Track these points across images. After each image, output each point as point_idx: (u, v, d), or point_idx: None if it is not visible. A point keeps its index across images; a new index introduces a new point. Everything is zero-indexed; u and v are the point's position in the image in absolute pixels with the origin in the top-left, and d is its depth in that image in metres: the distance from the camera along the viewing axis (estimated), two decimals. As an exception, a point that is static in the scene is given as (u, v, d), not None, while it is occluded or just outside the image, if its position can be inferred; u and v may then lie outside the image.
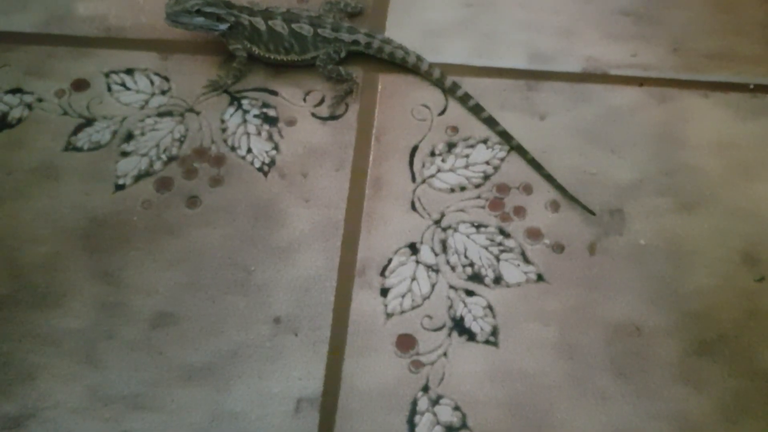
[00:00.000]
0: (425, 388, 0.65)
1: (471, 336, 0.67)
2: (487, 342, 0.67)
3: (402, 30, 0.82)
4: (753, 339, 0.67)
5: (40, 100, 0.79)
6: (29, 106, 0.78)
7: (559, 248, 0.71)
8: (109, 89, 0.79)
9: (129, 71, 0.80)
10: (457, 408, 0.64)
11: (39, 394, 0.64)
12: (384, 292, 0.69)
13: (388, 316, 0.68)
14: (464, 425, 0.63)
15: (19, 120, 0.77)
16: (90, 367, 0.66)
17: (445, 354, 0.66)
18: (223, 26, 0.78)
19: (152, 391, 0.65)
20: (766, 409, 0.64)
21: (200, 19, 0.77)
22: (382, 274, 0.70)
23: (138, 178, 0.74)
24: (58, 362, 0.66)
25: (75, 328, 0.67)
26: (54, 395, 0.64)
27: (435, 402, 0.64)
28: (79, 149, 0.76)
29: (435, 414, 0.64)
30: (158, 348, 0.66)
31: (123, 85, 0.79)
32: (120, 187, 0.74)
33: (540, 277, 0.70)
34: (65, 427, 0.63)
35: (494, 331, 0.67)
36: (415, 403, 0.64)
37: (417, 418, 0.64)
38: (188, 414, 0.64)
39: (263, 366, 0.66)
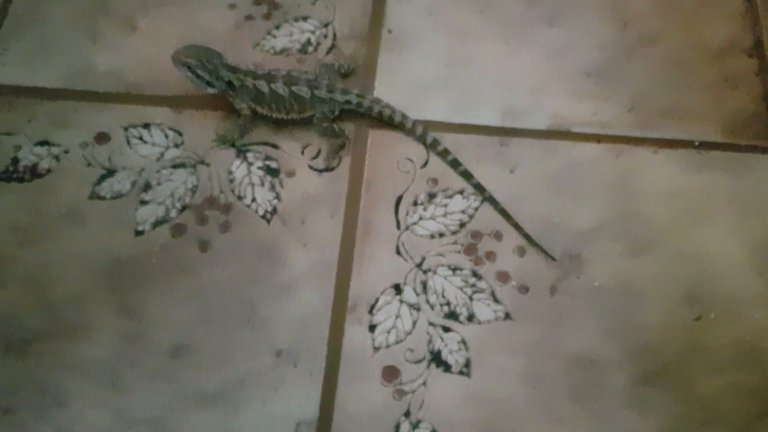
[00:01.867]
0: (407, 413, 0.75)
1: (447, 367, 0.77)
2: (461, 372, 0.77)
3: (389, 89, 0.92)
4: (691, 370, 0.77)
5: (66, 151, 0.88)
6: (56, 157, 0.87)
7: (524, 289, 0.81)
8: (128, 142, 0.89)
9: (146, 125, 0.90)
10: (434, 430, 0.74)
11: (72, 417, 0.74)
12: (372, 327, 0.79)
13: (376, 349, 0.78)
14: (441, 446, 0.74)
15: (48, 170, 0.87)
16: (116, 393, 0.75)
17: (424, 383, 0.76)
18: (211, 90, 0.87)
19: (171, 414, 0.74)
20: (701, 430, 0.74)
21: (190, 75, 0.86)
22: (371, 311, 0.80)
23: (155, 224, 0.84)
24: (88, 389, 0.75)
25: (102, 358, 0.77)
26: (85, 418, 0.74)
27: (415, 425, 0.74)
28: (103, 198, 0.85)
29: (415, 435, 0.74)
30: (175, 376, 0.76)
31: (140, 138, 0.89)
32: (140, 233, 0.83)
33: (508, 315, 0.80)
34: (95, 446, 0.73)
35: (467, 363, 0.77)
36: (398, 427, 0.74)
37: (400, 439, 0.74)
38: (202, 435, 0.73)
39: (267, 393, 0.75)
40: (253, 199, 0.86)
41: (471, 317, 0.80)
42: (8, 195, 0.85)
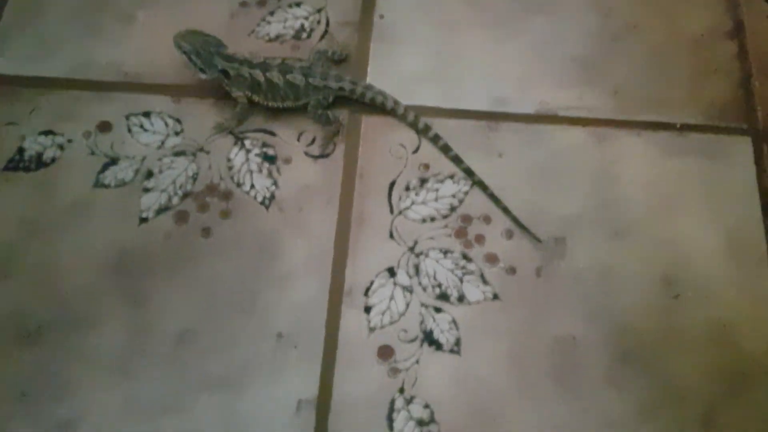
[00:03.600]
0: (401, 390, 0.77)
1: (438, 346, 0.79)
2: (451, 351, 0.79)
3: (382, 76, 0.92)
4: (667, 348, 0.79)
5: (70, 141, 0.88)
6: (61, 147, 0.88)
7: (512, 271, 0.83)
8: (130, 130, 0.89)
9: (146, 114, 0.90)
10: (427, 406, 0.76)
11: (85, 401, 0.76)
12: (367, 309, 0.81)
13: (371, 330, 0.80)
14: (433, 420, 0.76)
15: (53, 159, 0.87)
16: (126, 378, 0.77)
17: (417, 362, 0.78)
18: (203, 76, 0.87)
19: (179, 397, 0.76)
20: (673, 405, 0.77)
21: (184, 57, 0.86)
22: (366, 294, 0.81)
23: (159, 211, 0.84)
24: (100, 375, 0.77)
25: (111, 346, 0.78)
26: (98, 402, 0.76)
27: (409, 401, 0.77)
28: (107, 186, 0.86)
29: (409, 411, 0.76)
30: (182, 361, 0.78)
31: (141, 126, 0.89)
32: (144, 220, 0.84)
33: (496, 296, 0.82)
34: (109, 428, 0.75)
35: (457, 342, 0.79)
36: (393, 403, 0.77)
37: (395, 414, 0.76)
38: (210, 416, 0.75)
39: (269, 374, 0.77)
40: (252, 186, 0.86)
41: (461, 298, 0.81)
42: (16, 185, 0.86)
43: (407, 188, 0.87)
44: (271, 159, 0.88)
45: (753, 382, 0.77)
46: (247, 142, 0.89)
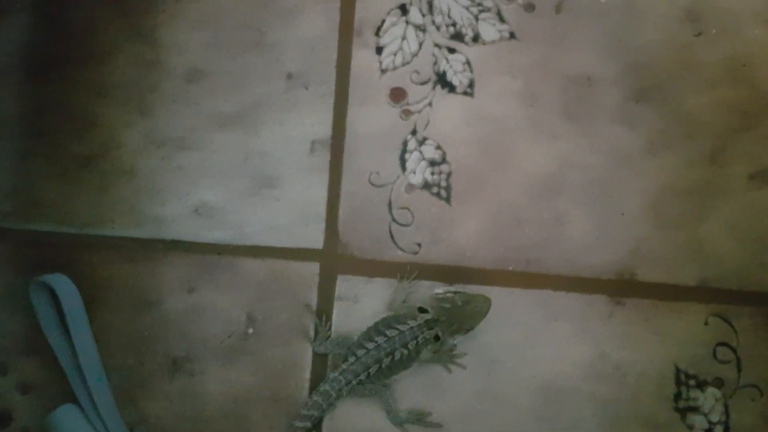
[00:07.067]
0: (413, 132, 0.75)
1: (452, 88, 0.76)
2: (464, 93, 0.76)
3: None
4: (683, 87, 0.76)
5: None
6: None
7: (530, 8, 0.77)
8: None
9: None
10: (438, 147, 0.75)
11: (103, 138, 0.75)
12: (379, 50, 0.76)
13: (383, 71, 0.76)
14: (444, 160, 0.75)
15: None
16: (141, 115, 0.75)
17: (430, 104, 0.76)
18: None
19: (194, 135, 0.75)
20: (683, 144, 0.75)
21: None
22: (377, 34, 0.76)
23: (156, -58, 0.77)
24: (114, 112, 0.75)
25: (123, 82, 0.75)
26: (115, 139, 0.75)
27: (421, 143, 0.75)
28: None
29: (421, 152, 0.75)
30: (194, 99, 0.75)
31: None
32: (141, -48, 0.77)
33: (512, 35, 0.77)
34: (129, 163, 0.74)
35: (471, 84, 0.76)
36: (405, 144, 0.75)
37: (407, 155, 0.75)
38: (226, 153, 0.75)
39: (282, 115, 0.75)
40: None
41: (476, 38, 0.76)
42: None
43: None
44: None
45: (764, 118, 0.75)
46: None
